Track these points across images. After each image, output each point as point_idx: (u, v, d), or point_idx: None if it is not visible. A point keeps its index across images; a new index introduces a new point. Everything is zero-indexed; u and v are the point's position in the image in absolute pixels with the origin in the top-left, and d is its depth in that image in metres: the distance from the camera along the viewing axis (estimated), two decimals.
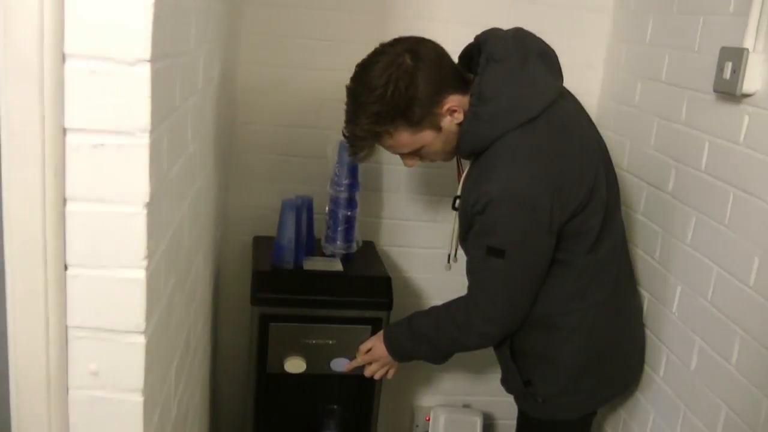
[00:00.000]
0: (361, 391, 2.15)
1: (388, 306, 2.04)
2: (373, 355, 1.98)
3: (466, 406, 2.70)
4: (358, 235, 2.23)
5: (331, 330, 2.02)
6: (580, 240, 1.70)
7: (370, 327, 2.03)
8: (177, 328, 1.33)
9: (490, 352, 1.92)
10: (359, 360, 2.01)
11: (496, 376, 2.60)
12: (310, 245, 2.16)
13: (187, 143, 1.29)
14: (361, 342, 2.00)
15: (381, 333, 1.96)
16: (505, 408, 2.67)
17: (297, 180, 2.33)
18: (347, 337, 2.02)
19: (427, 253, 2.52)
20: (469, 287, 1.76)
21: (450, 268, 1.96)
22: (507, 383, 1.92)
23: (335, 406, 2.21)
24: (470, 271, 1.74)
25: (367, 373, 2.01)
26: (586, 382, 1.82)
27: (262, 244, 2.20)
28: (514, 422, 2.00)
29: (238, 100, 2.30)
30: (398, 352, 1.93)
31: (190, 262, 1.47)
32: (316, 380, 2.18)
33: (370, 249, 2.33)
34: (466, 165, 1.78)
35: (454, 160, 1.86)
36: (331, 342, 2.02)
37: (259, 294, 1.98)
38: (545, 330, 1.77)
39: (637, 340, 1.96)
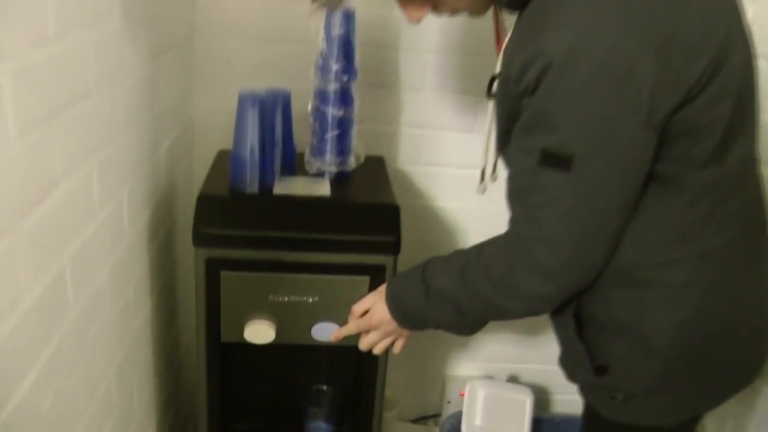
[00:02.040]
0: (359, 366, 1.52)
1: (395, 248, 1.39)
2: (371, 319, 1.35)
3: (512, 378, 2.07)
4: (359, 147, 1.57)
5: (312, 283, 1.39)
6: (696, 143, 1.02)
7: (367, 278, 1.39)
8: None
9: None
10: (352, 326, 1.39)
11: (553, 337, 1.97)
12: (287, 161, 1.51)
13: None
14: (355, 300, 1.38)
15: (383, 288, 1.33)
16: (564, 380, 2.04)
17: (283, 75, 1.69)
18: (335, 293, 1.39)
19: (456, 175, 1.87)
20: (512, 221, 1.11)
21: (484, 190, 1.30)
22: (569, 367, 1.27)
23: (324, 387, 1.59)
24: (514, 194, 1.09)
25: (363, 345, 1.39)
26: (694, 372, 1.16)
27: (224, 160, 1.56)
28: (574, 398, 1.35)
29: None
30: (407, 315, 1.30)
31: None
32: (292, 354, 1.56)
33: (376, 167, 1.67)
34: (511, 25, 1.10)
35: (491, 17, 1.18)
36: (311, 300, 1.39)
37: (203, 229, 1.36)
38: (633, 290, 1.11)
39: None
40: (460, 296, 1.20)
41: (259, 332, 1.39)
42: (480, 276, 1.15)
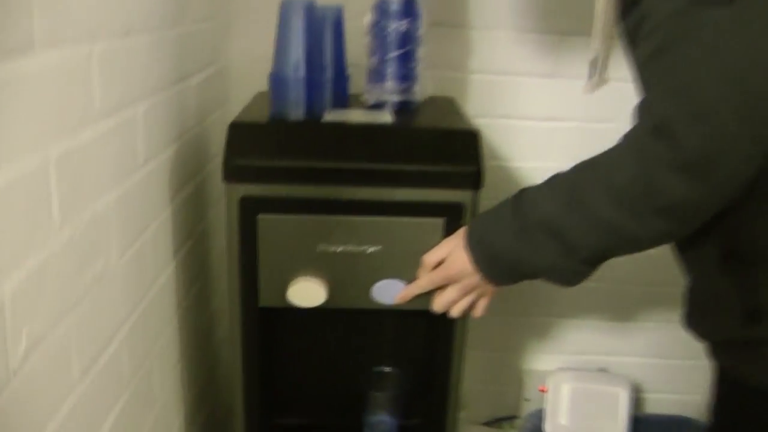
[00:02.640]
0: (432, 339, 1.22)
1: (476, 180, 1.10)
2: (448, 270, 1.07)
3: (602, 369, 1.75)
4: (426, 80, 1.29)
5: (373, 228, 1.10)
6: None
7: (442, 221, 1.10)
8: None
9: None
10: (423, 281, 1.10)
11: (648, 324, 1.67)
12: (339, 91, 1.24)
13: None
14: (427, 249, 1.09)
15: (462, 232, 1.06)
16: (663, 374, 1.73)
17: None
18: (401, 242, 1.11)
19: (536, 129, 1.60)
20: (643, 108, 0.83)
21: (593, 88, 1.02)
22: (704, 320, 0.97)
23: (387, 369, 1.30)
24: (650, 62, 0.81)
25: (438, 305, 1.10)
26: None
27: (264, 99, 1.29)
28: (670, 397, 1.04)
29: None
30: (494, 261, 1.02)
31: None
32: (347, 323, 1.27)
33: (446, 103, 1.39)
34: None
35: None
36: (371, 250, 1.11)
37: (237, 159, 1.08)
38: None
39: None
40: (570, 225, 0.91)
41: (307, 292, 1.11)
42: (598, 192, 0.87)
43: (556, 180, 0.98)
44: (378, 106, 1.24)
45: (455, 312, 1.10)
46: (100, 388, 0.91)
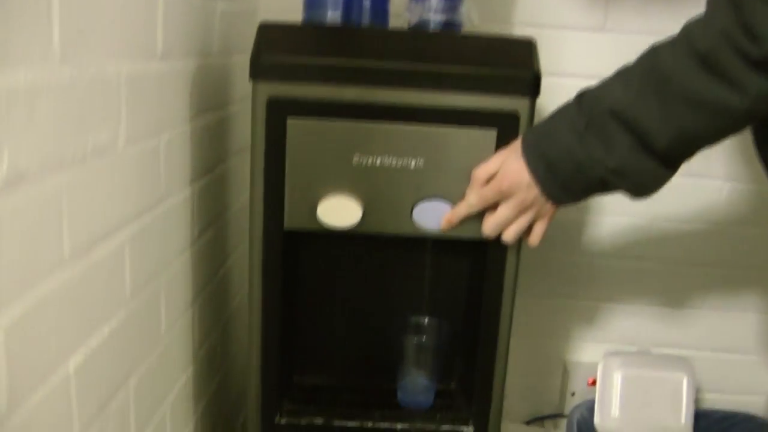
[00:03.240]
0: (479, 277, 1.08)
1: (533, 86, 0.98)
2: (500, 183, 0.94)
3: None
4: (470, 9, 1.18)
5: (416, 138, 0.97)
6: None
7: (494, 132, 0.97)
8: None
9: None
10: (473, 198, 0.97)
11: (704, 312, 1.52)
12: (378, 7, 1.13)
13: None
14: (478, 163, 0.96)
15: (517, 143, 0.93)
16: (718, 369, 1.57)
17: None
18: (448, 155, 0.98)
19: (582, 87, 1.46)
20: None
21: None
22: None
23: (425, 319, 1.15)
24: None
25: (489, 226, 0.97)
26: None
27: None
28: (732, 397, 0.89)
29: None
30: (555, 167, 0.90)
31: None
32: (383, 254, 1.13)
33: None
34: None
35: None
36: (414, 164, 0.98)
37: (266, 56, 0.96)
38: None
39: None
40: (646, 108, 0.80)
41: (339, 210, 0.98)
42: (683, 59, 0.76)
43: (624, 69, 0.86)
44: (420, 25, 1.12)
45: (509, 235, 0.97)
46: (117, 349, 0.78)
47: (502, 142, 0.97)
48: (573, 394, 1.59)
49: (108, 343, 0.82)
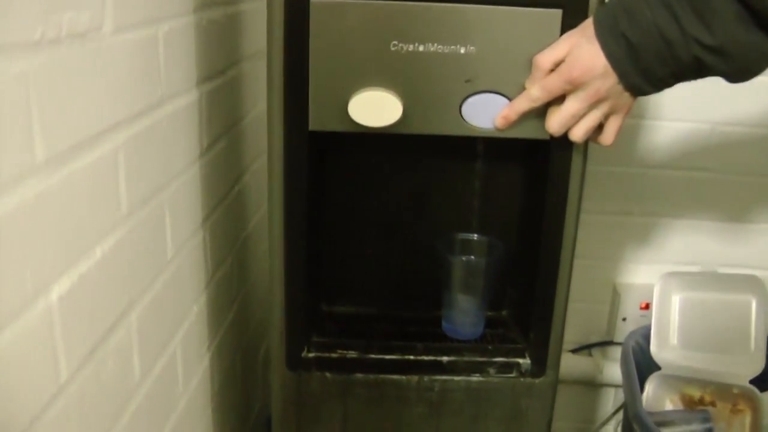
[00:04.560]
0: (538, 189, 0.93)
1: None
2: (570, 70, 0.77)
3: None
4: None
5: (465, 19, 0.80)
6: None
7: (559, 12, 0.80)
8: None
9: None
10: (536, 90, 0.80)
11: None
12: None
13: None
14: (541, 48, 0.79)
15: (587, 24, 0.76)
16: None
17: None
18: (503, 39, 0.81)
19: None
20: None
21: None
22: None
23: (474, 237, 1.00)
24: None
25: (554, 122, 0.81)
26: None
27: None
28: None
29: None
30: (638, 46, 0.73)
31: None
32: (426, 154, 0.97)
33: None
34: None
35: None
36: (463, 50, 0.81)
37: None
38: None
39: None
40: None
41: (375, 106, 0.82)
42: None
43: None
44: None
45: (579, 132, 0.80)
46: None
47: (568, 23, 0.80)
48: (624, 320, 1.45)
49: (101, 267, 0.67)
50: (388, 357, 0.95)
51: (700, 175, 1.39)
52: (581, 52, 0.76)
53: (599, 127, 0.82)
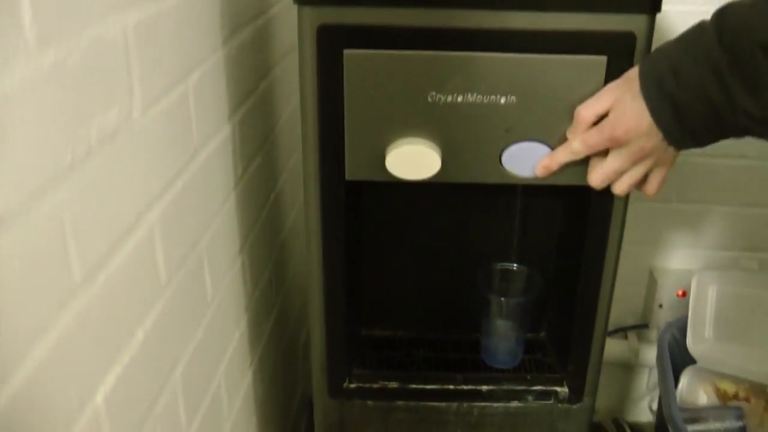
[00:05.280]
0: (578, 226, 0.91)
1: (653, 2, 0.75)
2: (613, 127, 0.75)
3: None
4: None
5: (506, 69, 0.77)
6: None
7: (604, 59, 0.77)
8: None
9: None
10: (577, 144, 0.78)
11: None
12: None
13: None
14: (583, 99, 0.76)
15: (632, 74, 0.73)
16: None
17: None
18: (545, 88, 0.78)
19: None
20: None
21: None
22: None
23: (515, 266, 0.99)
24: None
25: (596, 177, 0.79)
26: None
27: None
28: None
29: None
30: (685, 110, 0.70)
31: None
32: (465, 200, 0.96)
33: None
34: None
35: None
36: (504, 100, 0.78)
37: None
38: None
39: None
40: None
41: (413, 159, 0.80)
42: None
43: None
44: None
45: (621, 187, 0.79)
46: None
47: (613, 72, 0.77)
48: (660, 306, 1.45)
49: (143, 349, 0.68)
50: (428, 387, 0.97)
51: (740, 162, 1.36)
52: (625, 109, 0.73)
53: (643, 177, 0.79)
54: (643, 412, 1.57)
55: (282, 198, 1.22)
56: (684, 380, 1.31)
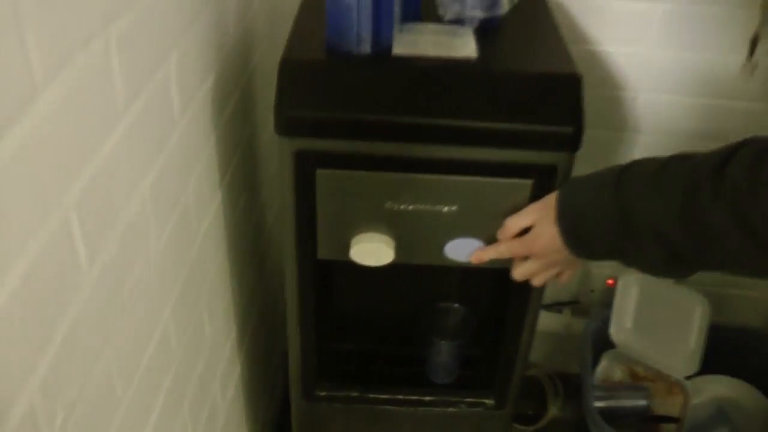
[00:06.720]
0: (503, 291, 1.12)
1: (573, 141, 0.93)
2: (532, 245, 0.94)
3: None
4: None
5: (449, 187, 0.96)
6: None
7: (530, 183, 0.95)
8: None
9: None
10: (503, 248, 0.98)
11: None
12: (411, 2, 1.04)
13: None
14: (511, 212, 0.96)
15: (551, 200, 0.91)
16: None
17: None
18: (481, 202, 0.97)
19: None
20: None
21: (752, 70, 0.82)
22: None
23: (454, 305, 1.21)
24: None
25: (518, 274, 0.99)
26: None
27: (319, 7, 1.06)
28: None
29: None
30: (588, 246, 0.89)
31: None
32: (413, 272, 1.18)
33: (536, 11, 1.17)
34: None
35: None
36: (446, 209, 0.97)
37: (290, 110, 0.92)
38: None
39: None
40: (681, 237, 0.77)
41: (372, 252, 1.00)
42: (722, 211, 0.73)
43: (670, 168, 0.81)
44: (457, 22, 1.03)
45: (537, 282, 0.99)
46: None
47: (537, 193, 0.95)
48: (592, 291, 1.67)
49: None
50: (382, 397, 1.21)
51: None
52: (543, 230, 0.92)
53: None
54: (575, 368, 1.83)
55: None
56: (604, 361, 1.56)
